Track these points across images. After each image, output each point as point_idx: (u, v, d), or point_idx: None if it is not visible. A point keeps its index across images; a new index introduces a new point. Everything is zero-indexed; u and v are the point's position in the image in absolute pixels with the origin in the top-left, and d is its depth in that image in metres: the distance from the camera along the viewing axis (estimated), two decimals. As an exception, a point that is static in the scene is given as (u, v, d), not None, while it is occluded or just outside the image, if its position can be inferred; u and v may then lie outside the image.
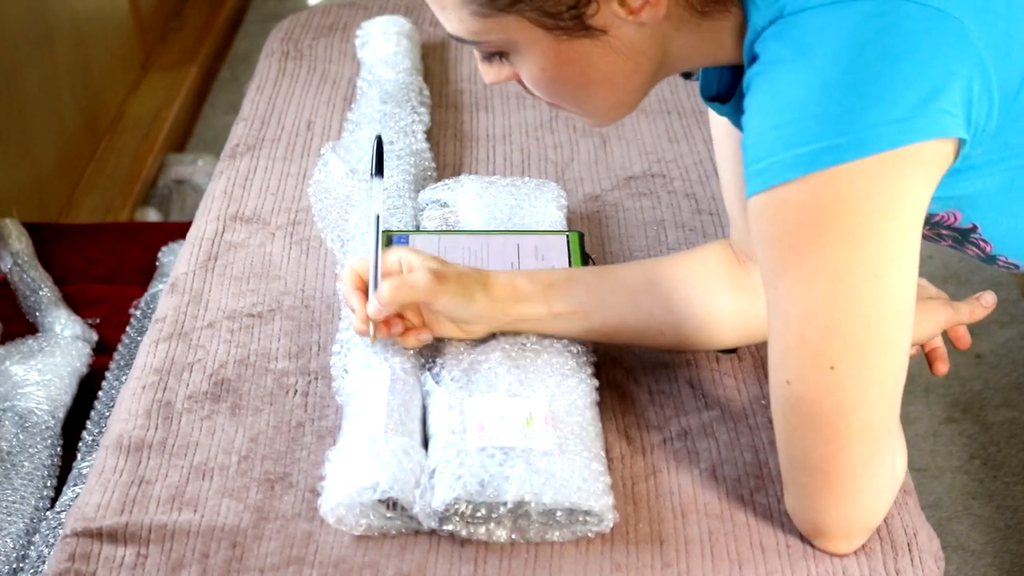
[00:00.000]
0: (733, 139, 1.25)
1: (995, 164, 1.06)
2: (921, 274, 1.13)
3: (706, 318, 1.29)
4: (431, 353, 1.30)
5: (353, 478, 1.14)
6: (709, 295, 1.29)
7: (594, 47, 1.06)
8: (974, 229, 1.14)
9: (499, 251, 1.43)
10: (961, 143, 1.01)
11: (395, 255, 1.27)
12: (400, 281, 1.23)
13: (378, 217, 1.26)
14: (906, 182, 0.99)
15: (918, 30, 0.98)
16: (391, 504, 1.14)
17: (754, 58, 1.04)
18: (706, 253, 1.32)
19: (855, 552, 1.13)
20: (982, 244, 1.16)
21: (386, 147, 1.65)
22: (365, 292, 1.25)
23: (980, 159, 1.04)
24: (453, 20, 1.08)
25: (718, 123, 1.28)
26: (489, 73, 1.13)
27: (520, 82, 1.13)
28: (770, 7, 1.02)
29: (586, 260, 1.43)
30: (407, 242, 1.44)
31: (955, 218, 1.11)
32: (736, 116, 1.16)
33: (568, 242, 1.44)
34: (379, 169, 1.27)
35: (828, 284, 1.01)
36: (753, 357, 1.36)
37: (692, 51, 1.10)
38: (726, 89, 1.17)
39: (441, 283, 1.23)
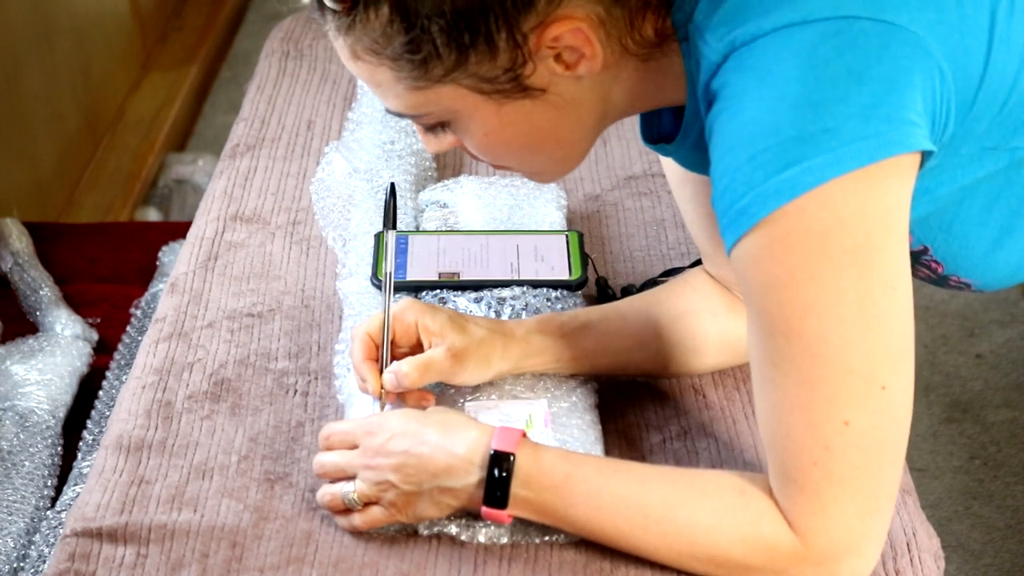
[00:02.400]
0: (690, 181, 1.25)
1: (947, 182, 1.05)
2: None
3: (708, 345, 1.29)
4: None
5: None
6: (711, 324, 1.29)
7: (535, 107, 1.05)
8: (925, 251, 1.13)
9: (499, 251, 1.43)
10: (924, 156, 1.00)
11: (411, 315, 1.22)
12: (422, 366, 1.20)
13: (389, 275, 1.22)
14: (894, 195, 0.98)
15: (876, 45, 0.97)
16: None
17: (711, 98, 1.02)
18: (697, 282, 1.31)
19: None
20: (933, 265, 1.15)
21: (386, 147, 1.65)
22: (376, 359, 1.22)
23: (933, 177, 1.04)
24: (390, 96, 1.07)
25: (671, 168, 1.27)
26: (432, 143, 1.12)
27: (464, 148, 1.12)
28: (720, 41, 1.00)
29: (585, 260, 1.43)
30: (407, 243, 1.44)
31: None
32: (683, 155, 1.16)
33: (567, 242, 1.45)
34: (392, 221, 1.24)
35: (856, 309, 0.98)
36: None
37: (634, 97, 1.09)
38: (669, 129, 1.16)
39: (461, 363, 1.21)
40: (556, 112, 1.06)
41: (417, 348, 1.22)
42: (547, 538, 1.14)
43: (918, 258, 1.14)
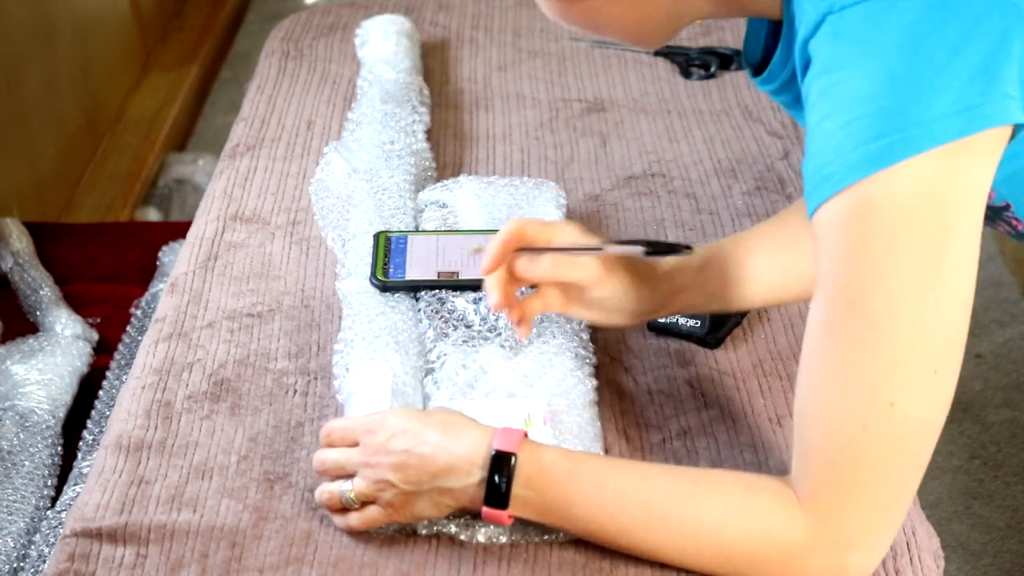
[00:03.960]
0: None
1: None
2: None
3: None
4: (431, 356, 1.31)
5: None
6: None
7: (603, 3, 1.10)
8: (1007, 207, 1.12)
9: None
10: (1017, 128, 0.99)
11: (568, 233, 1.23)
12: (568, 260, 1.21)
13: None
14: (980, 170, 0.98)
15: (977, 15, 0.96)
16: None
17: (807, 60, 1.02)
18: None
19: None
20: (1014, 222, 1.14)
21: (386, 147, 1.65)
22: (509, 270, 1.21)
23: (1022, 142, 1.02)
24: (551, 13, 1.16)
25: None
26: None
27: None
28: (817, 5, 1.01)
29: None
30: (406, 242, 1.45)
31: (990, 196, 1.10)
32: (767, 90, 1.15)
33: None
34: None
35: (924, 290, 0.97)
36: (752, 357, 1.36)
37: (716, 2, 1.11)
38: (754, 59, 1.16)
39: (610, 272, 1.23)
40: (619, 7, 1.10)
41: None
42: (547, 537, 1.14)
43: (999, 214, 1.14)
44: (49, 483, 1.54)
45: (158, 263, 2.00)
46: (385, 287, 1.39)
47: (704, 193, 1.64)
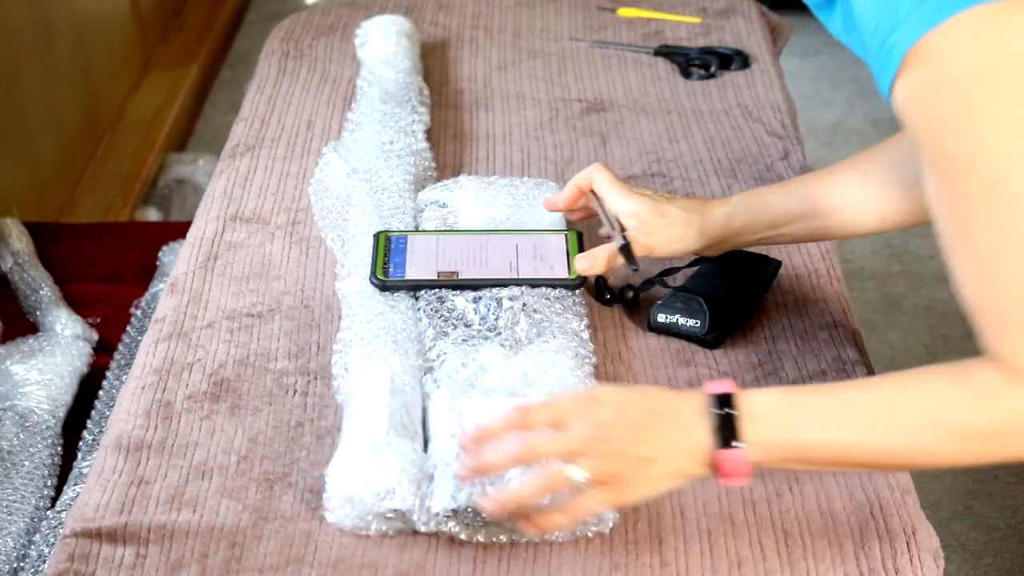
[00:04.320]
0: None
1: None
2: (923, 274, 1.12)
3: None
4: (431, 355, 1.31)
5: (358, 487, 1.14)
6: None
7: None
8: None
9: (498, 250, 1.43)
10: None
11: (613, 203, 1.37)
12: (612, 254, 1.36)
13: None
14: None
15: None
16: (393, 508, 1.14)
17: None
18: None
19: (853, 550, 1.13)
20: None
21: (385, 147, 1.65)
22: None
23: None
24: None
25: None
26: None
27: None
28: None
29: None
30: (406, 243, 1.45)
31: None
32: (830, 27, 1.13)
33: (567, 241, 1.45)
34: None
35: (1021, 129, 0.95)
36: (752, 357, 1.36)
37: None
38: None
39: (650, 239, 1.35)
40: None
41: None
42: (546, 537, 1.14)
43: None
44: (49, 483, 1.54)
45: (158, 263, 2.00)
46: (385, 286, 1.39)
47: (704, 193, 1.64)
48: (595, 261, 1.38)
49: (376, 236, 1.45)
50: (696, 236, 1.37)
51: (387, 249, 1.43)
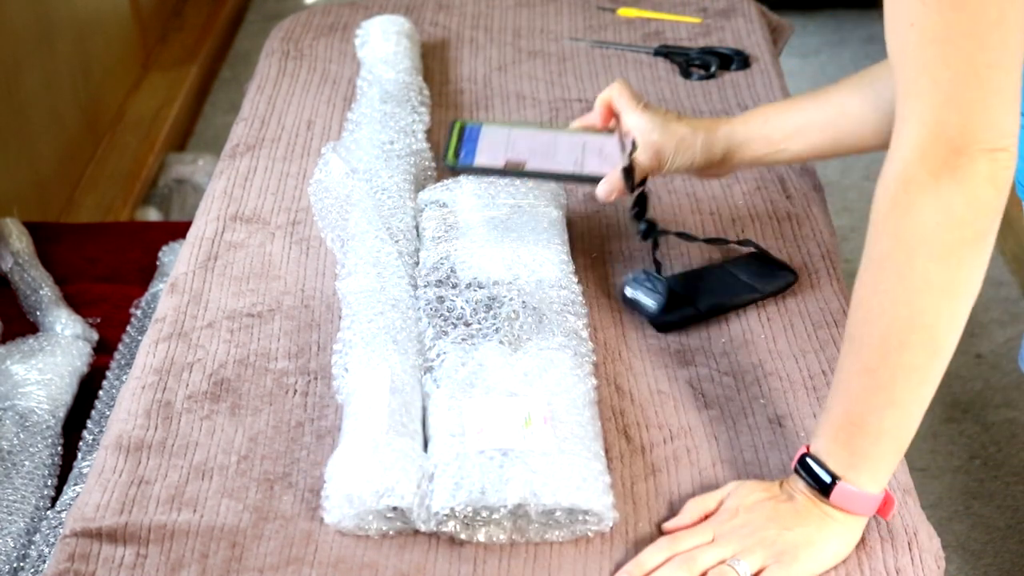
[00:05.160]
0: None
1: None
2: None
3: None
4: (430, 355, 1.31)
5: (357, 485, 1.14)
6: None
7: None
8: None
9: (566, 146, 1.46)
10: None
11: (625, 119, 1.43)
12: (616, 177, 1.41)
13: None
14: None
15: None
16: (392, 506, 1.14)
17: None
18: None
19: (855, 551, 1.13)
20: None
21: (385, 147, 1.65)
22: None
23: None
24: None
25: None
26: None
27: None
28: None
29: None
30: (479, 132, 1.48)
31: None
32: None
33: (633, 146, 1.45)
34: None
35: None
36: (752, 357, 1.36)
37: None
38: None
39: (659, 161, 1.42)
40: None
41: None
42: (546, 537, 1.14)
43: None
44: (49, 483, 1.54)
45: (158, 263, 2.00)
46: (455, 170, 1.45)
47: (704, 193, 1.64)
48: (612, 185, 1.43)
49: (452, 124, 1.49)
50: (700, 153, 1.44)
51: (460, 137, 1.47)
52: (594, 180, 1.43)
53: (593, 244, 1.55)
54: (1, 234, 2.03)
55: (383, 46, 1.90)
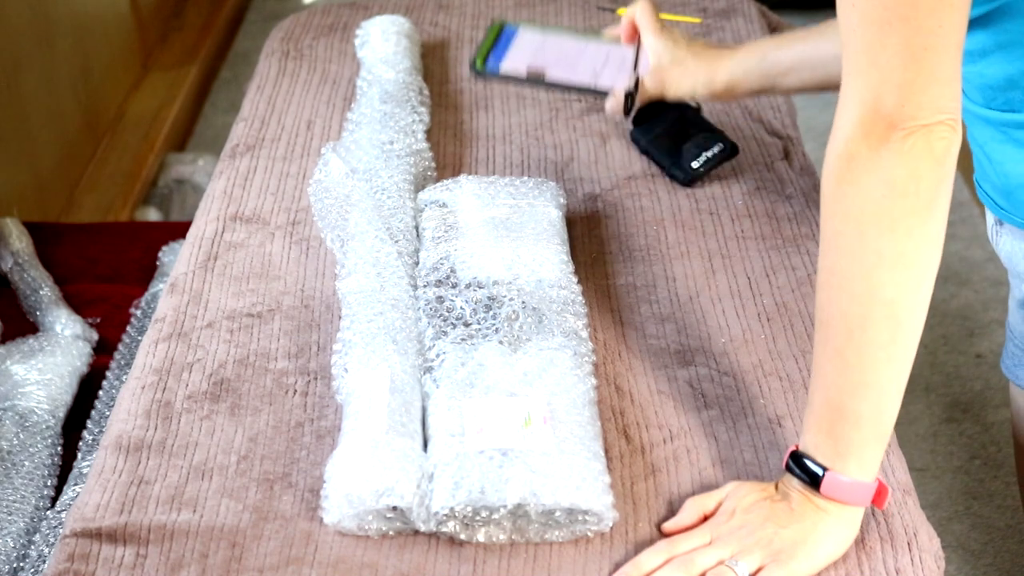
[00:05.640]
0: None
1: None
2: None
3: None
4: (430, 355, 1.31)
5: (357, 484, 1.14)
6: None
7: None
8: None
9: (591, 57, 1.57)
10: None
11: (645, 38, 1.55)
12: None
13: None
14: None
15: None
16: (392, 506, 1.14)
17: None
18: None
19: (854, 551, 1.13)
20: None
21: (385, 147, 1.65)
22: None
23: None
24: None
25: None
26: None
27: None
28: None
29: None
30: (513, 35, 1.58)
31: None
32: None
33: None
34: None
35: None
36: (752, 357, 1.36)
37: None
38: None
39: (663, 87, 1.53)
40: None
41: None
42: (546, 537, 1.14)
43: None
44: (49, 483, 1.54)
45: (158, 263, 2.00)
46: (478, 75, 1.52)
47: (704, 193, 1.64)
48: (616, 105, 1.55)
49: (491, 25, 1.57)
50: (702, 85, 1.54)
51: (496, 39, 1.55)
52: (605, 94, 1.54)
53: (593, 244, 1.55)
54: (1, 234, 2.03)
55: (383, 46, 1.90)
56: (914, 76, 1.03)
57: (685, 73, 1.54)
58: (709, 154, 1.63)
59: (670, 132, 1.67)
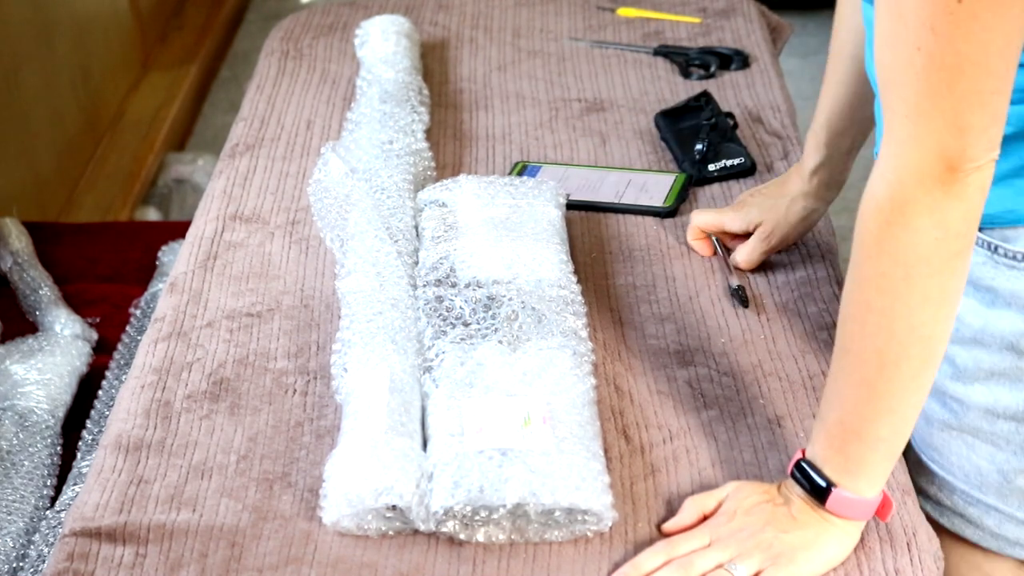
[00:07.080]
0: None
1: None
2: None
3: None
4: (429, 354, 1.31)
5: (356, 483, 1.14)
6: None
7: None
8: None
9: (612, 183, 1.64)
10: None
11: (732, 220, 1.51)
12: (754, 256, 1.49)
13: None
14: None
15: None
16: (391, 505, 1.14)
17: None
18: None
19: (854, 552, 1.13)
20: None
21: (384, 147, 1.65)
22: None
23: None
24: None
25: None
26: None
27: None
28: None
29: (684, 196, 1.62)
30: (537, 172, 1.66)
31: None
32: None
33: (674, 181, 1.64)
34: None
35: None
36: (752, 357, 1.36)
37: None
38: None
39: (769, 242, 1.49)
40: None
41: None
42: (545, 537, 1.14)
43: None
44: (48, 483, 1.54)
45: (158, 263, 2.00)
46: None
47: (704, 194, 1.64)
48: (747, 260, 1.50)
49: (514, 165, 1.69)
50: (784, 234, 1.49)
51: (520, 175, 1.63)
52: (628, 210, 1.59)
53: (593, 244, 1.55)
54: (1, 234, 2.03)
55: (383, 46, 1.90)
56: (979, 120, 1.01)
57: (772, 216, 1.49)
58: (728, 163, 1.66)
59: (697, 131, 1.69)
